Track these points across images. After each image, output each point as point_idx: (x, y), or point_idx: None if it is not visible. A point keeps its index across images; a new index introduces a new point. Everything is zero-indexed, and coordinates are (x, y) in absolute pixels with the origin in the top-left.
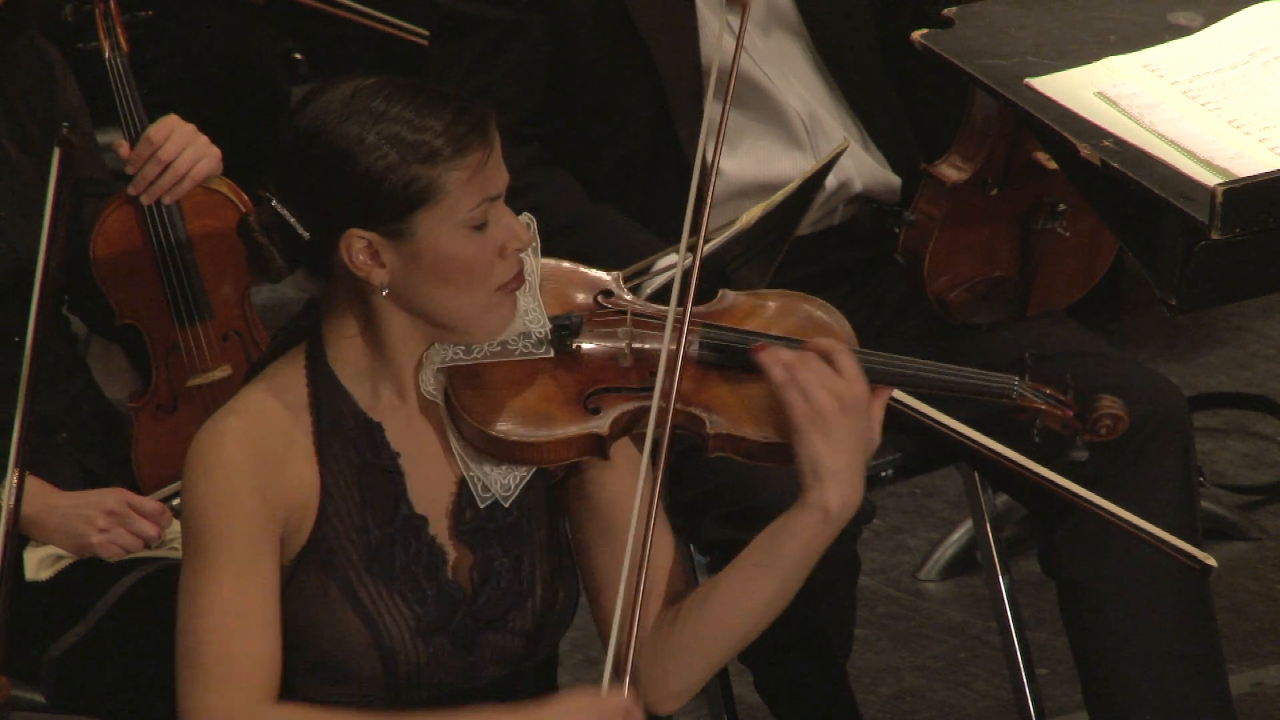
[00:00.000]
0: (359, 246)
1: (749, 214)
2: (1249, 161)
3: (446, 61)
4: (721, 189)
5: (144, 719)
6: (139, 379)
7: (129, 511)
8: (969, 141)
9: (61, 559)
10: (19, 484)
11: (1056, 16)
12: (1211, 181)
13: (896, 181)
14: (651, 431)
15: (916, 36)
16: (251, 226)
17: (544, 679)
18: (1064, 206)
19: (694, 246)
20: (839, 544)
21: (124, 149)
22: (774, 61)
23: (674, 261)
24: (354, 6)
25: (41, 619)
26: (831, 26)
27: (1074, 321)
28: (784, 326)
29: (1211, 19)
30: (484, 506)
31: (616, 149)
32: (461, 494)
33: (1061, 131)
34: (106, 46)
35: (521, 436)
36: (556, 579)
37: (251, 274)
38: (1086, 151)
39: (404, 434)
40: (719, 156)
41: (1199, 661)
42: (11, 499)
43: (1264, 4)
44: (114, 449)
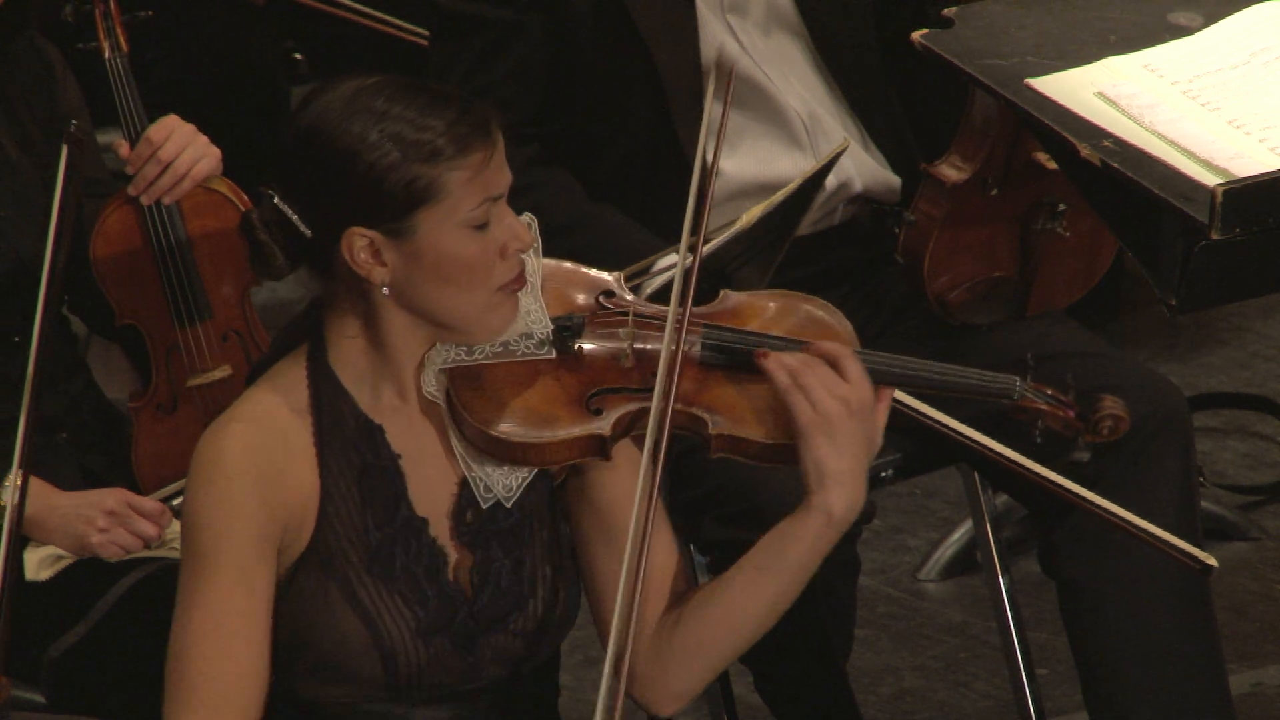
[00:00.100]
0: (360, 245)
1: (749, 214)
2: (1249, 161)
3: (446, 61)
4: (721, 189)
5: (144, 719)
6: (139, 379)
7: (129, 511)
8: (969, 141)
9: (61, 559)
10: (23, 484)
11: (1056, 16)
12: (1211, 181)
13: (896, 181)
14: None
15: (916, 36)
16: (254, 224)
17: (545, 680)
18: (1064, 206)
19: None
20: (839, 544)
21: (124, 149)
22: (774, 61)
23: (674, 261)
24: (354, 6)
25: (41, 619)
26: (831, 26)
27: (1074, 321)
28: (786, 327)
29: (1211, 19)
30: (486, 507)
31: (616, 149)
32: (462, 495)
33: (1061, 131)
34: (106, 46)
35: (523, 437)
36: (558, 580)
37: (253, 271)
38: (1086, 151)
39: (405, 435)
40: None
41: (1199, 661)
42: (15, 499)
43: (1264, 4)
44: (114, 449)
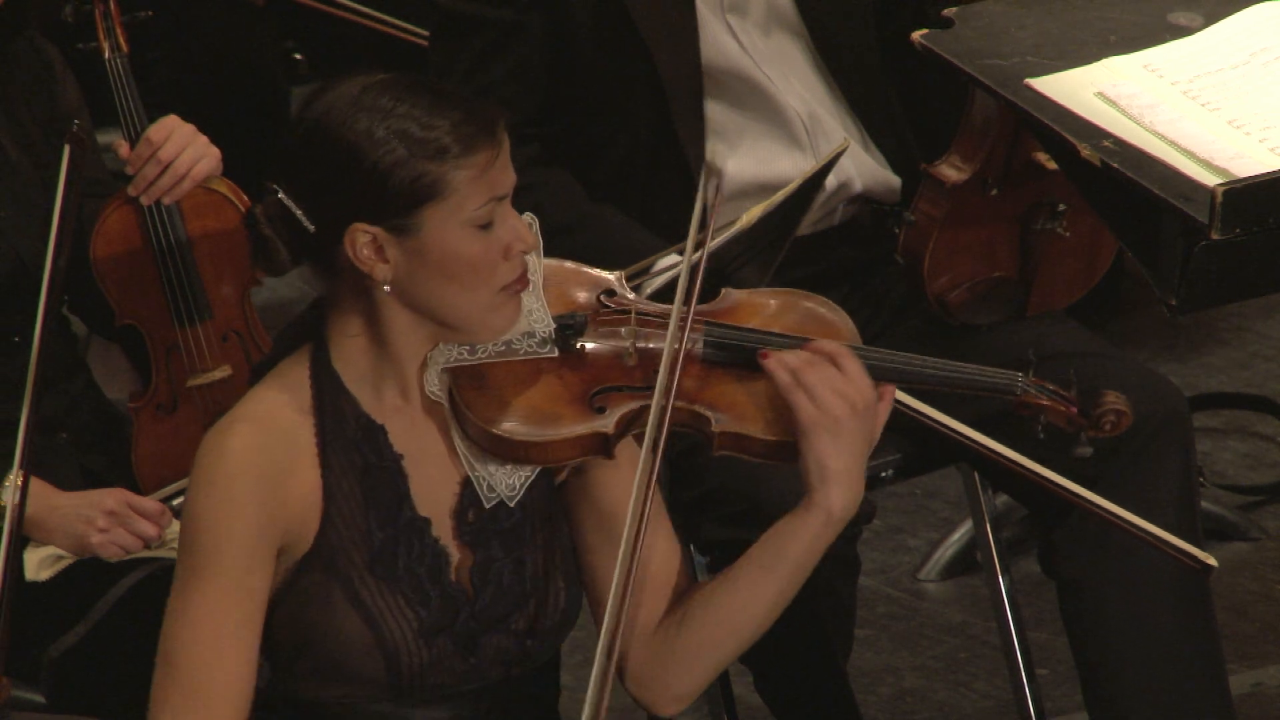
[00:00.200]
0: (363, 241)
1: (749, 214)
2: (1249, 161)
3: (446, 61)
4: (721, 190)
5: (143, 719)
6: (139, 379)
7: (129, 512)
8: (969, 141)
9: (61, 559)
10: (23, 484)
11: (1056, 16)
12: (1211, 181)
13: (896, 181)
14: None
15: (916, 36)
16: (257, 218)
17: (546, 680)
18: (1064, 206)
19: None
20: (839, 544)
21: (124, 149)
22: (774, 62)
23: (674, 261)
24: (354, 6)
25: (41, 619)
26: (831, 26)
27: (1074, 321)
28: (787, 324)
29: (1211, 19)
30: (489, 507)
31: (616, 149)
32: (464, 495)
33: (1061, 131)
34: (106, 47)
35: (527, 436)
36: (559, 580)
37: (256, 267)
38: (1086, 151)
39: (407, 435)
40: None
41: (1199, 661)
42: (15, 499)
43: (1264, 4)
44: (114, 449)
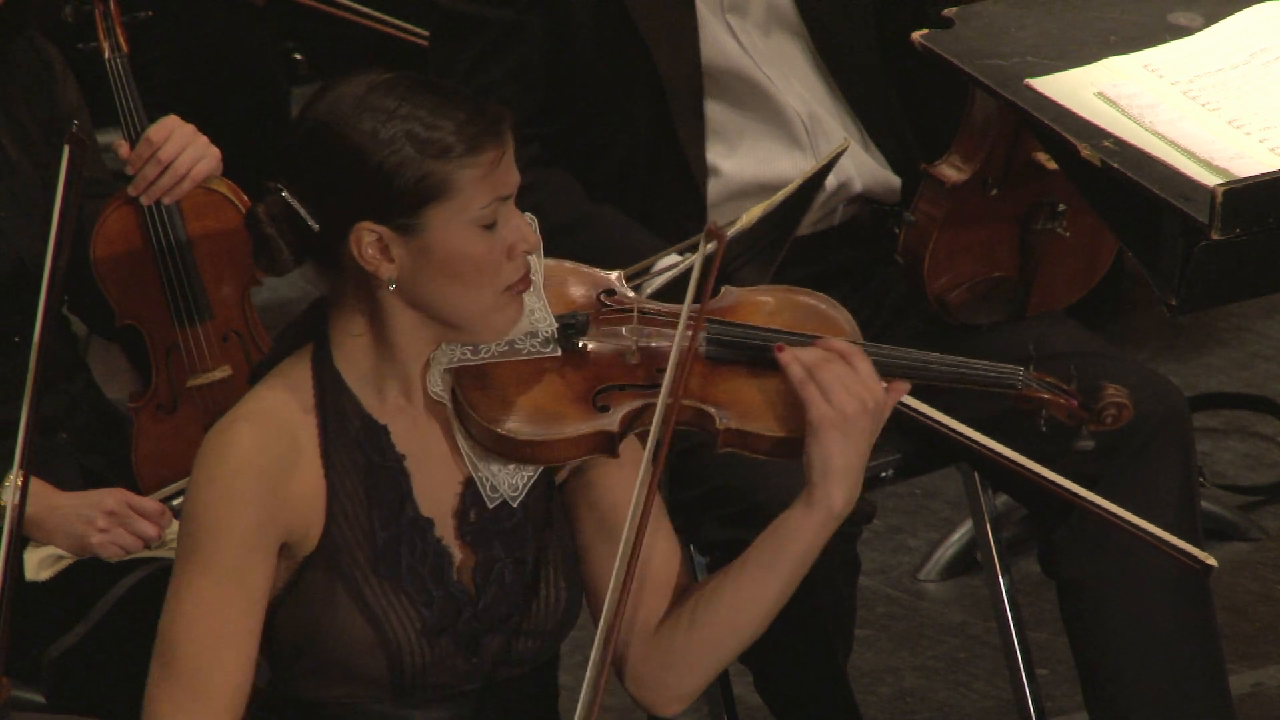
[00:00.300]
0: (369, 240)
1: (749, 214)
2: (1249, 161)
3: (446, 61)
4: (721, 189)
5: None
6: (139, 379)
7: (129, 512)
8: (969, 141)
9: (61, 559)
10: (23, 484)
11: (1056, 16)
12: (1211, 181)
13: (896, 181)
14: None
15: (916, 36)
16: (259, 218)
17: (545, 680)
18: (1064, 206)
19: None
20: (839, 544)
21: (124, 149)
22: (774, 62)
23: (674, 261)
24: (354, 6)
25: (41, 619)
26: (831, 26)
27: (1074, 321)
28: (788, 321)
29: (1211, 19)
30: (492, 507)
31: (617, 149)
32: (466, 495)
33: (1061, 131)
34: (106, 47)
35: (532, 435)
36: (559, 580)
37: (257, 266)
38: (1086, 151)
39: (409, 435)
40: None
41: (1199, 661)
42: (15, 499)
43: (1264, 4)
44: (114, 449)
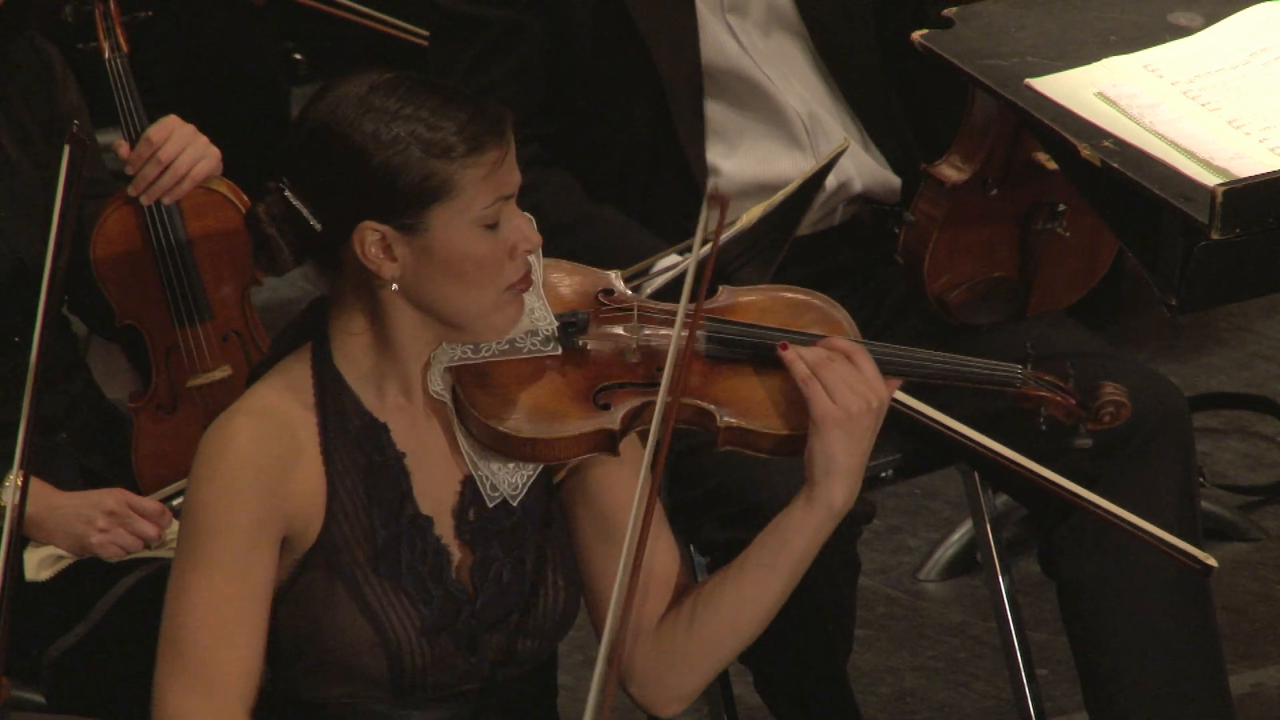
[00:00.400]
0: (372, 239)
1: (749, 214)
2: (1249, 161)
3: (446, 61)
4: (722, 189)
5: (144, 719)
6: (139, 379)
7: (129, 512)
8: (969, 141)
9: (61, 559)
10: (23, 484)
11: (1056, 16)
12: (1211, 181)
13: (896, 181)
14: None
15: (916, 36)
16: (260, 218)
17: (544, 680)
18: (1064, 206)
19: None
20: (839, 544)
21: (124, 149)
22: (774, 62)
23: (674, 262)
24: (354, 6)
25: (41, 619)
26: (831, 26)
27: (1074, 322)
28: (787, 320)
29: (1211, 19)
30: (492, 506)
31: (617, 149)
32: (465, 494)
33: (1061, 131)
34: (106, 47)
35: (533, 433)
36: (558, 580)
37: (257, 266)
38: (1086, 151)
39: (409, 434)
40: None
41: (1199, 661)
42: (15, 499)
43: (1264, 4)
44: (114, 449)
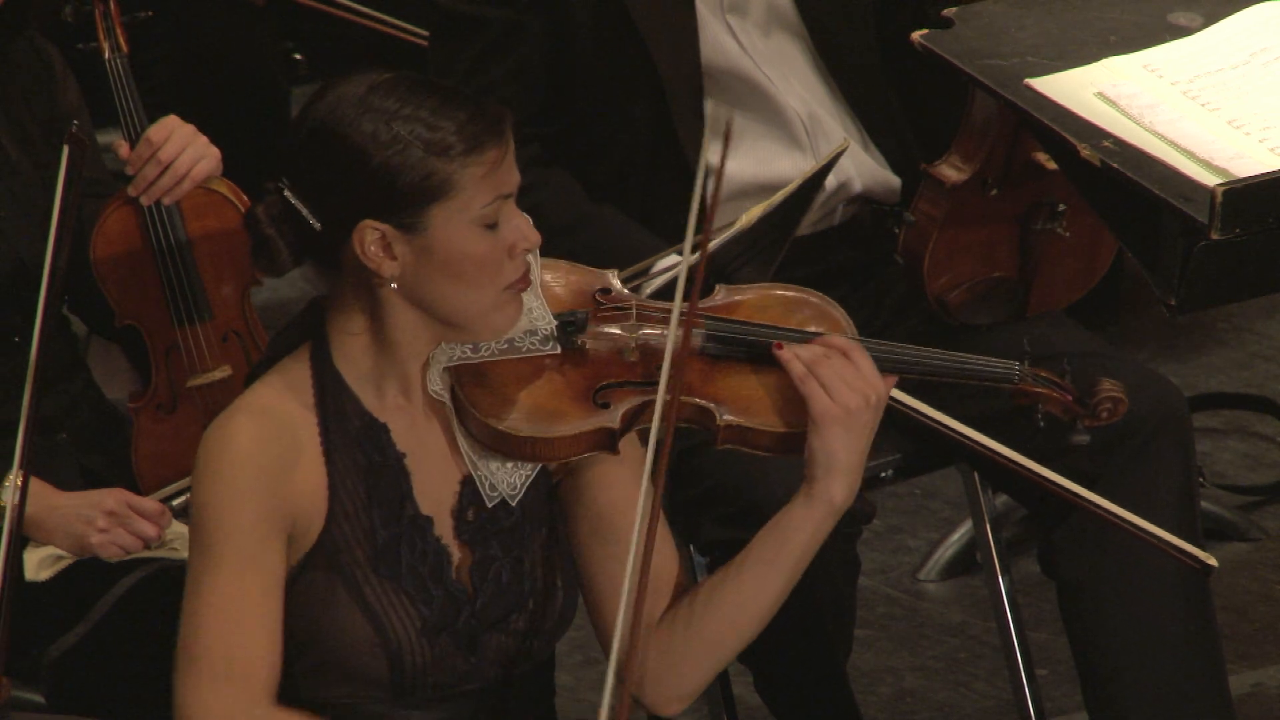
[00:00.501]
0: (372, 238)
1: (749, 214)
2: (1249, 161)
3: (446, 61)
4: (722, 189)
5: (144, 719)
6: (139, 379)
7: (128, 512)
8: (969, 142)
9: (61, 559)
10: (23, 484)
11: (1056, 16)
12: (1211, 181)
13: (896, 182)
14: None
15: (916, 37)
16: (259, 218)
17: (542, 680)
18: (1064, 206)
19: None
20: (839, 544)
21: (124, 149)
22: (774, 62)
23: (674, 262)
24: (354, 6)
25: (41, 619)
26: (831, 27)
27: (1073, 322)
28: (784, 318)
29: (1211, 19)
30: (492, 506)
31: (617, 149)
32: (464, 494)
33: (1061, 131)
34: (106, 47)
35: (533, 432)
36: (556, 580)
37: (256, 267)
38: (1086, 151)
39: (408, 433)
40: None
41: (1199, 661)
42: (15, 499)
43: (1264, 4)
44: (114, 449)
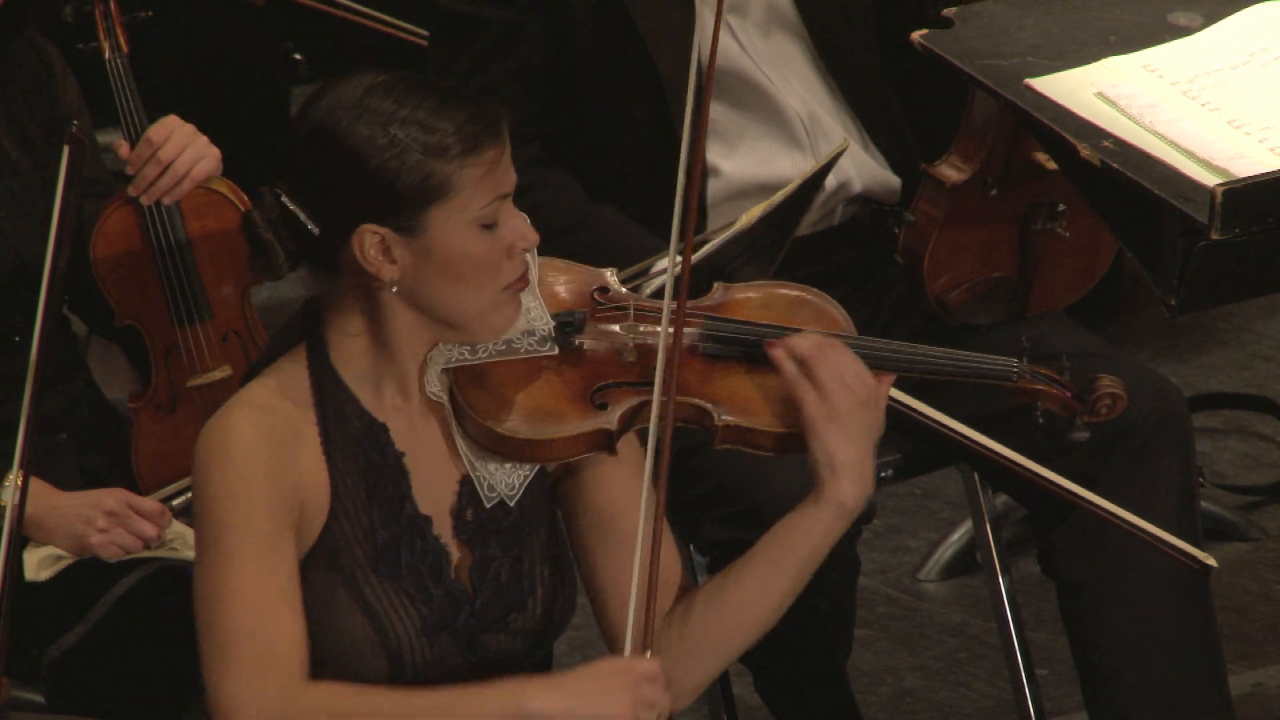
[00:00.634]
0: (371, 241)
1: (749, 214)
2: (1249, 161)
3: (446, 61)
4: (721, 189)
5: (144, 719)
6: (139, 379)
7: (128, 512)
8: (969, 141)
9: (61, 559)
10: (23, 484)
11: (1056, 16)
12: (1211, 181)
13: (896, 182)
14: (654, 426)
15: (916, 36)
16: (256, 222)
17: None
18: (1064, 206)
19: (686, 239)
20: (839, 543)
21: (124, 149)
22: (774, 62)
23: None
24: (354, 6)
25: (41, 619)
26: (831, 27)
27: (1073, 322)
28: (781, 316)
29: (1211, 19)
30: (490, 506)
31: (617, 149)
32: (463, 494)
33: (1061, 131)
34: (106, 47)
35: (531, 434)
36: (555, 579)
37: (254, 271)
38: (1086, 151)
39: (407, 434)
40: (704, 151)
41: (1199, 661)
42: (15, 499)
43: (1264, 4)
44: (114, 449)
